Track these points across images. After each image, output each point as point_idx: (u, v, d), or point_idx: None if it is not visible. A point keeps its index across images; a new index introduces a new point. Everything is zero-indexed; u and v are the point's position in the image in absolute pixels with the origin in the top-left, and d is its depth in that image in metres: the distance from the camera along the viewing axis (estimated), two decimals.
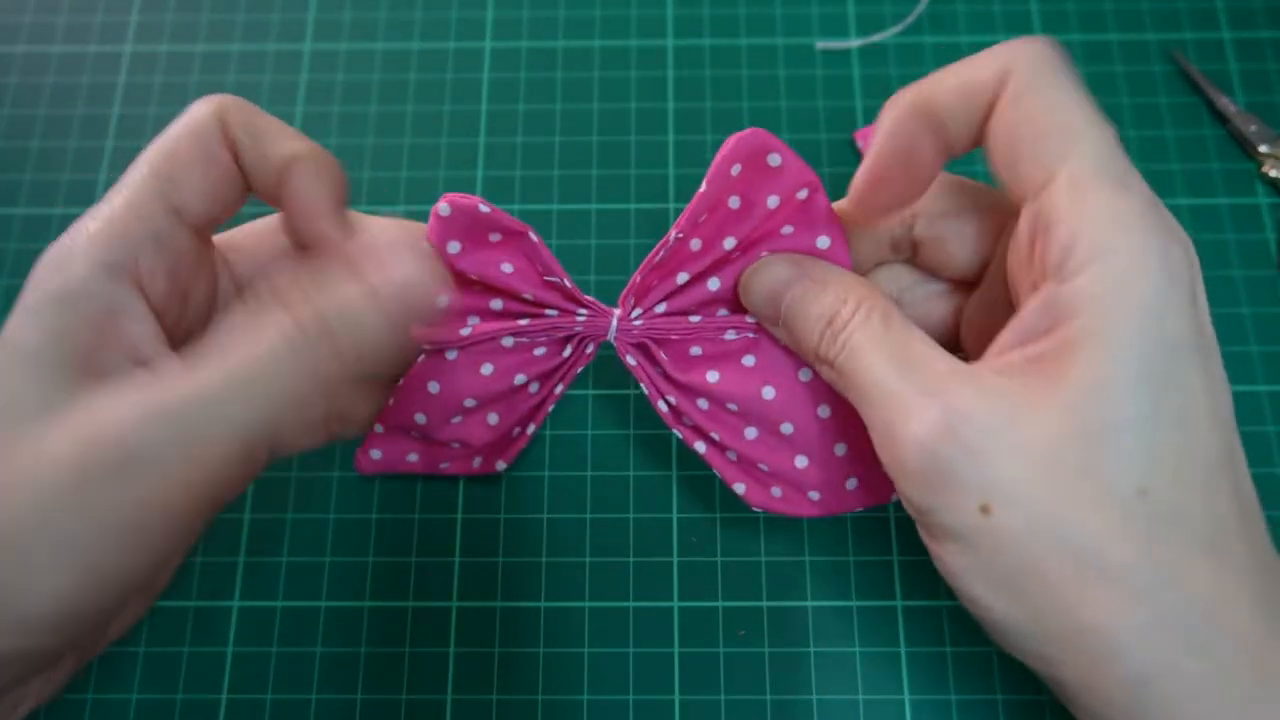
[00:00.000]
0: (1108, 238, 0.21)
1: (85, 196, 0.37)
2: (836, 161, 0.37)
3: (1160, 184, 0.36)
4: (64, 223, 0.36)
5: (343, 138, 0.38)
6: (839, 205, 0.27)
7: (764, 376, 0.28)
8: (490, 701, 0.30)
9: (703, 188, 0.26)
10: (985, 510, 0.21)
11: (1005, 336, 0.23)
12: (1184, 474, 0.20)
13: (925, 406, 0.22)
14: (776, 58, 0.39)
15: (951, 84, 0.23)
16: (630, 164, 0.37)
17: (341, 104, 0.38)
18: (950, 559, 0.22)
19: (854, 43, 0.39)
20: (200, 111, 0.24)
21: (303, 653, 0.31)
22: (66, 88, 0.39)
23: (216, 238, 0.27)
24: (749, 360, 0.28)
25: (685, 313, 0.28)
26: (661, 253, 0.27)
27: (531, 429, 0.30)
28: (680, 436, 0.29)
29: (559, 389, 0.29)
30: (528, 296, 0.27)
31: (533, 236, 0.27)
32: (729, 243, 0.27)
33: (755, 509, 0.28)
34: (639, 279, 0.27)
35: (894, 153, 0.24)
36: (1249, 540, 0.21)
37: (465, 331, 0.28)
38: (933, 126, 0.24)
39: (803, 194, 0.27)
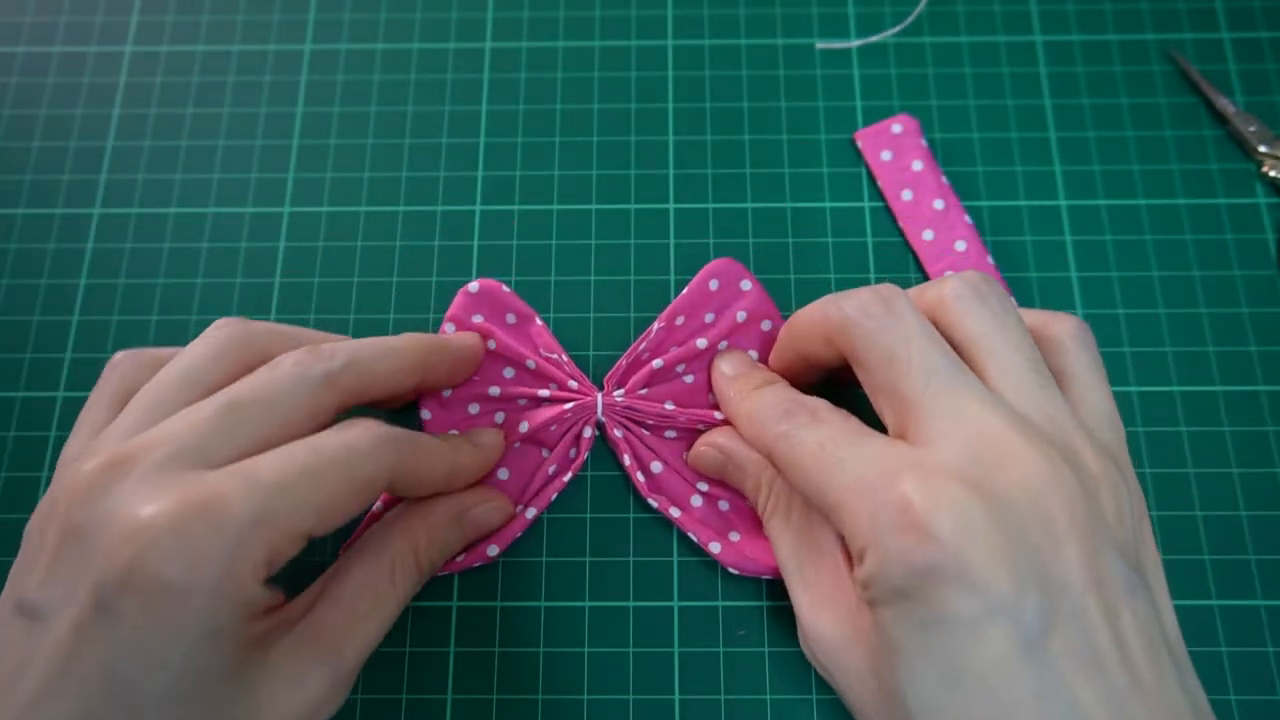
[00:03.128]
0: (865, 538, 0.23)
1: (85, 197, 0.37)
2: (836, 162, 0.37)
3: (1160, 184, 0.36)
4: (65, 222, 0.36)
5: (342, 138, 0.38)
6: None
7: None
8: (490, 701, 0.30)
9: (685, 291, 0.32)
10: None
11: (858, 571, 0.24)
12: None
13: (801, 623, 0.27)
14: (776, 58, 0.39)
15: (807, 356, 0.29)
16: (630, 164, 0.37)
17: (341, 104, 0.38)
18: None
19: (854, 43, 0.39)
20: (375, 467, 0.25)
21: None
22: (67, 88, 0.39)
23: None
24: None
25: (663, 399, 0.32)
26: (645, 343, 0.31)
27: (532, 512, 0.31)
28: (656, 505, 0.31)
29: (567, 477, 0.31)
30: (530, 364, 0.32)
31: (538, 321, 0.33)
32: (701, 343, 0.32)
33: (730, 569, 0.30)
34: (624, 364, 0.31)
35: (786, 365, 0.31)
36: None
37: (473, 410, 0.32)
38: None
39: (766, 325, 0.32)
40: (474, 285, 0.32)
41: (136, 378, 0.27)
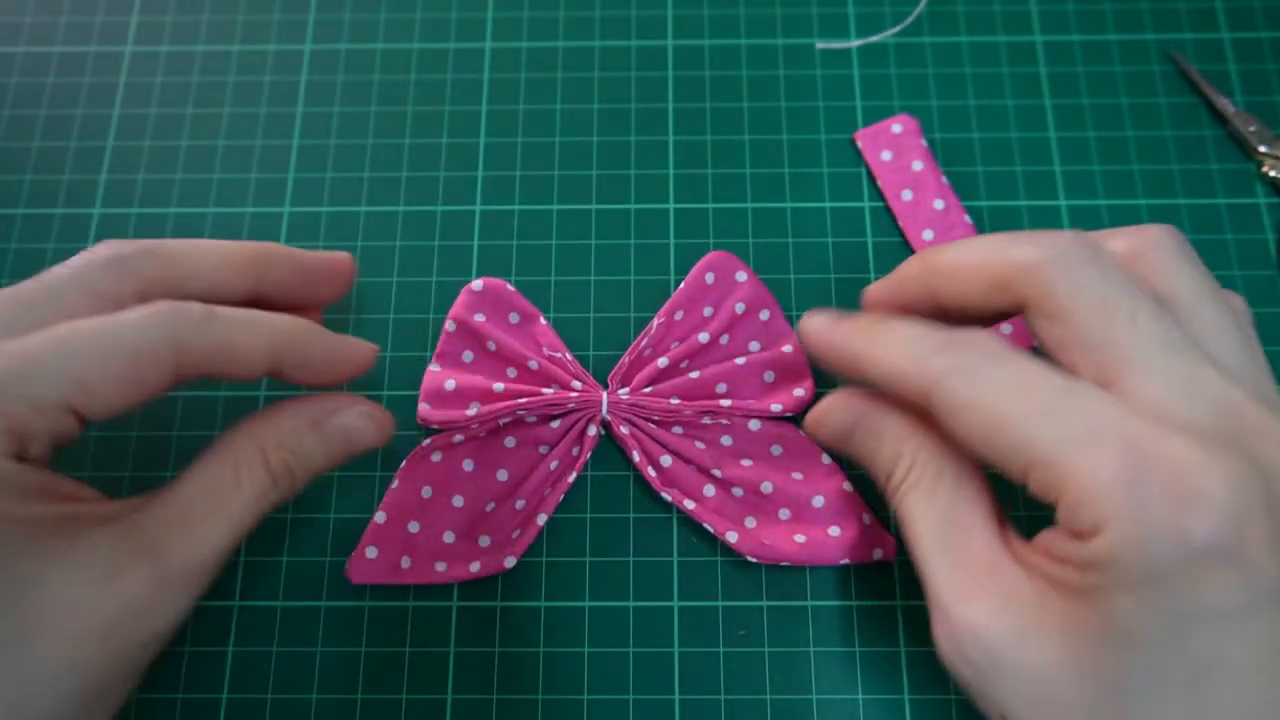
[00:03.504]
0: (1113, 505, 0.19)
1: (85, 197, 0.37)
2: (836, 162, 0.37)
3: (1160, 184, 0.36)
4: (65, 222, 0.36)
5: (342, 138, 0.38)
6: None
7: (739, 451, 0.32)
8: (490, 701, 0.30)
9: (681, 286, 0.33)
10: (1001, 716, 0.21)
11: (1047, 536, 0.22)
12: None
13: (945, 615, 0.22)
14: (776, 58, 0.39)
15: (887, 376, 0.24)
16: (630, 164, 0.37)
17: (341, 104, 0.38)
18: None
19: (854, 43, 0.39)
20: (148, 334, 0.23)
21: (303, 653, 0.31)
22: (67, 88, 0.39)
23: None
24: (726, 440, 0.32)
25: (668, 395, 0.31)
26: (646, 339, 0.32)
27: (543, 518, 0.31)
28: (670, 499, 0.31)
29: (571, 477, 0.31)
30: (532, 365, 0.32)
31: (542, 320, 0.33)
32: (703, 337, 0.32)
33: (749, 558, 0.30)
34: (627, 361, 0.32)
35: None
36: None
37: (470, 412, 0.31)
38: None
39: (764, 315, 0.33)
40: (478, 283, 0.33)
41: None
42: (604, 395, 0.31)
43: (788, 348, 0.33)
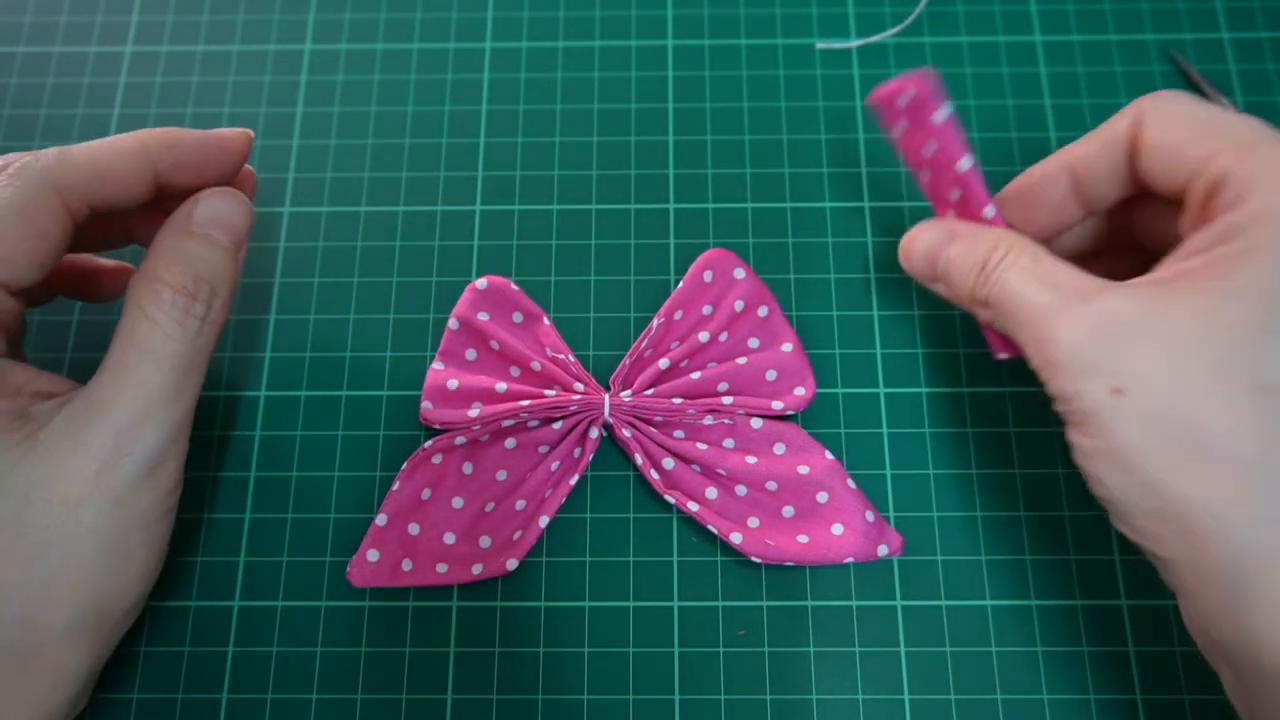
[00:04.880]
0: (1270, 174, 0.24)
1: None
2: (836, 162, 0.37)
3: None
4: None
5: (342, 138, 0.38)
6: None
7: (744, 451, 0.31)
8: (490, 701, 0.30)
9: (680, 285, 0.33)
10: (1116, 392, 0.24)
11: (1164, 263, 0.25)
12: None
13: (1076, 309, 0.25)
14: (776, 58, 0.39)
15: (1095, 145, 0.28)
16: (630, 164, 0.37)
17: (341, 104, 0.38)
18: (1080, 440, 0.25)
19: (854, 43, 0.39)
20: (22, 188, 0.25)
21: (302, 653, 0.31)
22: (67, 88, 0.39)
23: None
24: (728, 443, 0.32)
25: (670, 396, 0.31)
26: (646, 340, 0.32)
27: (545, 520, 0.31)
28: (673, 501, 0.31)
29: (573, 480, 0.31)
30: (535, 366, 0.32)
31: (546, 320, 0.33)
32: (703, 336, 0.32)
33: (754, 558, 0.30)
34: (628, 363, 0.32)
35: (1031, 193, 0.30)
36: None
37: (473, 413, 0.31)
38: (1074, 186, 0.29)
39: (763, 311, 0.33)
40: (482, 282, 0.33)
41: None
42: (606, 398, 0.31)
43: (787, 346, 0.33)
